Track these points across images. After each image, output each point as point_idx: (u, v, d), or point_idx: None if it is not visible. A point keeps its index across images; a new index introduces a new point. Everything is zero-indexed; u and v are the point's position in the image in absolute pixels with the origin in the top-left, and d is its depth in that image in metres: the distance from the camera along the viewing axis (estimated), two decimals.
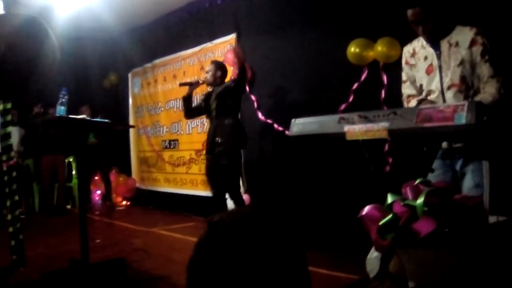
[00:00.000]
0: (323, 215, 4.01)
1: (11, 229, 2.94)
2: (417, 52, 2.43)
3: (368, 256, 1.09)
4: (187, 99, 4.17)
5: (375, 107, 3.26)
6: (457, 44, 2.25)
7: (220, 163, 3.85)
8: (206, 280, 0.69)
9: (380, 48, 3.60)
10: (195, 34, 5.79)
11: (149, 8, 5.99)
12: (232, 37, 5.21)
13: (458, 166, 2.27)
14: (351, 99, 3.91)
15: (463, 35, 2.24)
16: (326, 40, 4.15)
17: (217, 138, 3.85)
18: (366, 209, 1.06)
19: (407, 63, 2.50)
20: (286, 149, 4.46)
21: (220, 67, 4.09)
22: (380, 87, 3.69)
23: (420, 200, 0.96)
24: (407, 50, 2.52)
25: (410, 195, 1.05)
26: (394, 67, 3.54)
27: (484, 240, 0.91)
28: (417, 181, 1.09)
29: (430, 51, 2.35)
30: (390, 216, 0.98)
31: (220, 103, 3.89)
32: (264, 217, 0.74)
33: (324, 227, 3.94)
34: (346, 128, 1.82)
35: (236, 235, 0.70)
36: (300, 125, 2.05)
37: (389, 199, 1.05)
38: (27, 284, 2.95)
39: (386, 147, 3.51)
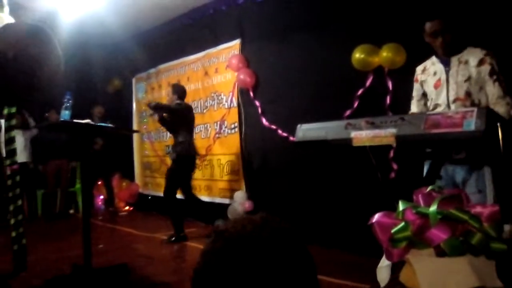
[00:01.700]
0: (328, 221, 3.98)
1: (14, 234, 2.92)
2: (428, 69, 2.52)
3: (379, 265, 1.06)
4: (162, 120, 4.74)
5: (380, 113, 3.25)
6: (466, 62, 2.34)
7: (171, 168, 4.71)
8: None
9: (385, 54, 3.58)
10: (199, 40, 5.80)
11: (153, 14, 6.01)
12: (236, 42, 5.21)
13: (460, 175, 2.27)
14: (355, 105, 3.88)
15: (474, 54, 2.33)
16: (330, 46, 4.13)
17: (172, 150, 4.69)
18: (377, 216, 1.03)
19: (417, 80, 2.60)
20: (290, 155, 4.44)
21: (176, 90, 4.72)
22: (385, 93, 3.67)
23: (433, 208, 0.94)
24: (419, 68, 2.61)
25: (422, 202, 1.03)
26: (399, 73, 3.54)
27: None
28: (428, 188, 1.07)
29: (439, 67, 2.44)
30: (402, 224, 0.95)
31: (169, 123, 4.70)
32: (274, 227, 0.70)
33: (330, 233, 3.91)
34: (353, 134, 1.80)
35: (244, 245, 0.67)
36: (306, 130, 2.03)
37: (401, 206, 1.03)
38: None
39: (391, 153, 3.49)
